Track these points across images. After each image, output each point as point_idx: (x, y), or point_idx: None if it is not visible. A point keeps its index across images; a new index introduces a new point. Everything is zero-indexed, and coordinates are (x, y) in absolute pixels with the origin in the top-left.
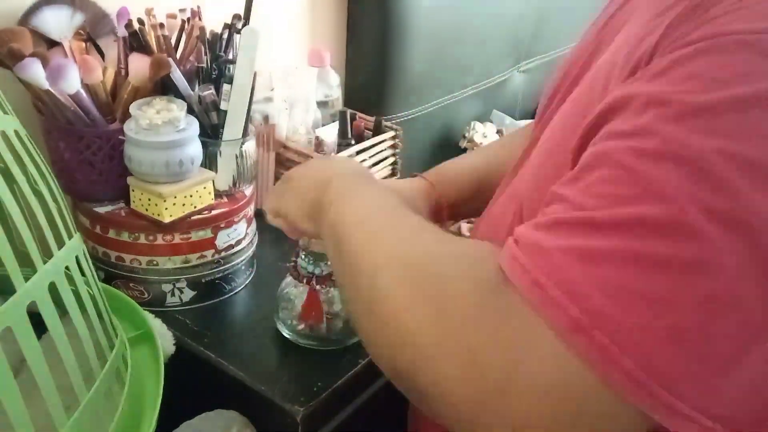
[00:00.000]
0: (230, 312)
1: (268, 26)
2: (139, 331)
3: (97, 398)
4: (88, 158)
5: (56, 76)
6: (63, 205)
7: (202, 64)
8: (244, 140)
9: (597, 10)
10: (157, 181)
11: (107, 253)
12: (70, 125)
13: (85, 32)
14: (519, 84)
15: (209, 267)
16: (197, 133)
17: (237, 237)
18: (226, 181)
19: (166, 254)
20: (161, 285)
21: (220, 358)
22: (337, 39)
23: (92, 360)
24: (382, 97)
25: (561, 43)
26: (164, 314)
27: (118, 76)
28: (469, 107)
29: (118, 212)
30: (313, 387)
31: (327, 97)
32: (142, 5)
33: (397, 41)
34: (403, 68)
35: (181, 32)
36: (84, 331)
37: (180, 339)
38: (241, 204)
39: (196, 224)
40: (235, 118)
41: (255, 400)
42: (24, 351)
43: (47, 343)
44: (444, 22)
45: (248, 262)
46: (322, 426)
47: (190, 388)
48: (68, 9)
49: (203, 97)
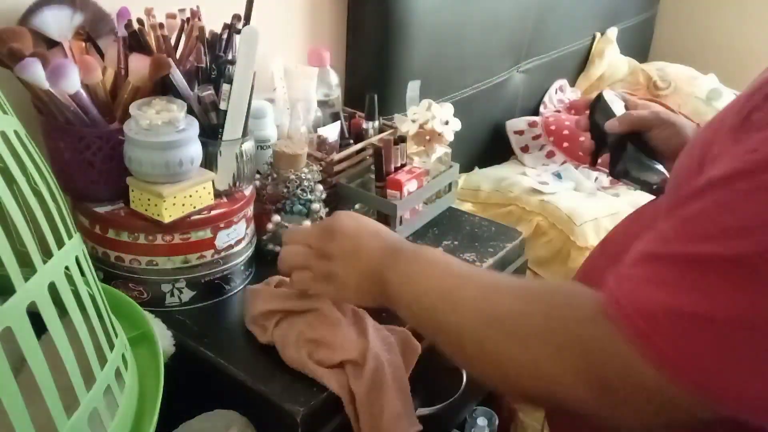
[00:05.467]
0: (230, 312)
1: (268, 26)
2: (139, 331)
3: (97, 398)
4: (88, 158)
5: (56, 76)
6: (63, 205)
7: (201, 65)
8: (244, 140)
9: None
10: (156, 181)
11: (107, 253)
12: (70, 125)
13: (85, 32)
14: (519, 84)
15: (209, 267)
16: (197, 133)
17: (236, 237)
18: (225, 181)
19: (166, 254)
20: (161, 285)
21: (220, 358)
22: (337, 39)
23: (92, 360)
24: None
25: (561, 43)
26: (164, 314)
27: (117, 76)
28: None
29: (117, 212)
30: (313, 387)
31: (327, 97)
32: (142, 5)
33: (397, 41)
34: (403, 68)
35: (181, 32)
36: (84, 331)
37: (180, 339)
38: (240, 204)
39: (195, 224)
40: (234, 119)
41: (255, 400)
42: (24, 351)
43: (47, 343)
44: (444, 22)
45: (248, 262)
46: (322, 426)
47: (190, 388)
48: (68, 9)
49: (202, 97)
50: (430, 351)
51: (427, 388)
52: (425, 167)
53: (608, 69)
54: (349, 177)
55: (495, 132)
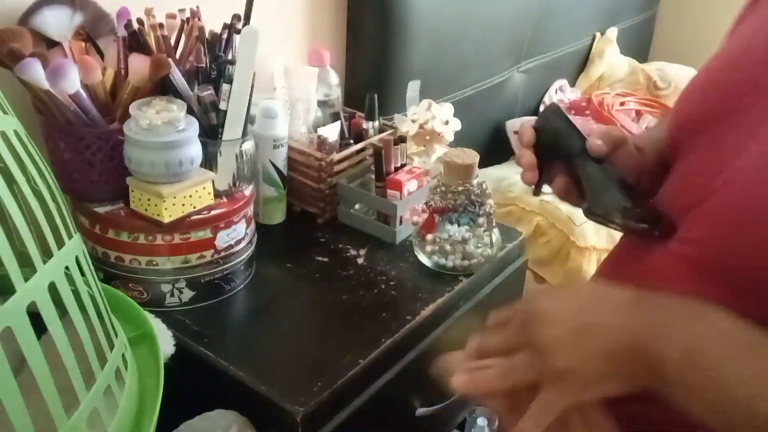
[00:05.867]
0: (230, 312)
1: (268, 26)
2: (139, 331)
3: (97, 398)
4: (88, 158)
5: (56, 76)
6: (63, 205)
7: (201, 65)
8: (244, 140)
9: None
10: (156, 181)
11: (107, 253)
12: (70, 125)
13: (85, 32)
14: (519, 84)
15: (209, 267)
16: (197, 133)
17: (236, 237)
18: (225, 181)
19: (166, 254)
20: (161, 285)
21: (220, 358)
22: (337, 39)
23: (92, 360)
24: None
25: (561, 43)
26: (164, 314)
27: (117, 76)
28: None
29: (117, 212)
30: (313, 387)
31: (327, 97)
32: (142, 5)
33: (397, 41)
34: (403, 68)
35: (181, 32)
36: (84, 331)
37: (180, 339)
38: (240, 204)
39: (195, 224)
40: (234, 118)
41: (255, 400)
42: (24, 351)
43: (47, 343)
44: (444, 22)
45: (247, 262)
46: (322, 426)
47: (190, 388)
48: (68, 9)
49: (202, 97)
50: (430, 351)
51: (427, 388)
52: (425, 167)
53: (608, 69)
54: (349, 177)
55: (495, 132)
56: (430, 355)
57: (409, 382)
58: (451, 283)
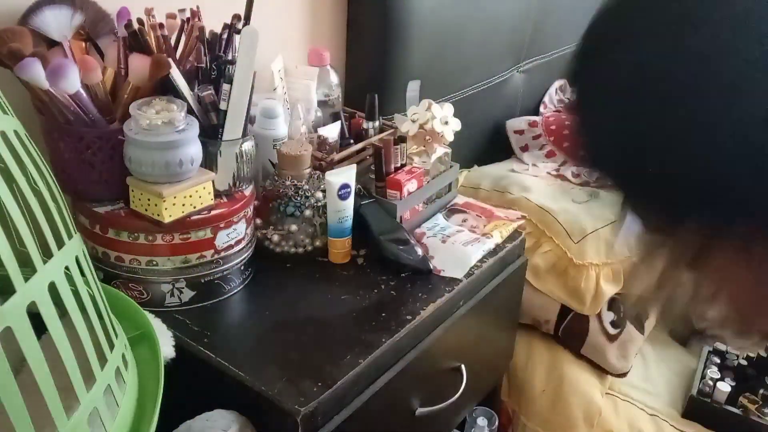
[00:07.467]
0: (230, 312)
1: (268, 26)
2: (139, 331)
3: (97, 398)
4: (88, 158)
5: (56, 76)
6: (63, 205)
7: (201, 65)
8: (244, 140)
9: None
10: (156, 181)
11: (107, 253)
12: (70, 125)
13: (85, 32)
14: (519, 84)
15: (209, 267)
16: (197, 133)
17: (236, 237)
18: (225, 181)
19: (166, 254)
20: (161, 285)
21: (220, 358)
22: (337, 39)
23: (92, 360)
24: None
25: (561, 43)
26: (164, 314)
27: (117, 76)
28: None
29: (117, 212)
30: (313, 387)
31: (327, 97)
32: (142, 5)
33: (397, 41)
34: (403, 68)
35: (181, 32)
36: (84, 331)
37: (180, 339)
38: (240, 204)
39: (195, 224)
40: (234, 118)
41: (255, 400)
42: (24, 351)
43: (47, 343)
44: (444, 22)
45: (248, 263)
46: (322, 426)
47: (190, 388)
48: (68, 9)
49: (202, 97)
50: (430, 351)
51: (427, 388)
52: (425, 167)
53: None
54: None
55: (495, 132)
56: (430, 355)
57: (409, 382)
58: (451, 283)
